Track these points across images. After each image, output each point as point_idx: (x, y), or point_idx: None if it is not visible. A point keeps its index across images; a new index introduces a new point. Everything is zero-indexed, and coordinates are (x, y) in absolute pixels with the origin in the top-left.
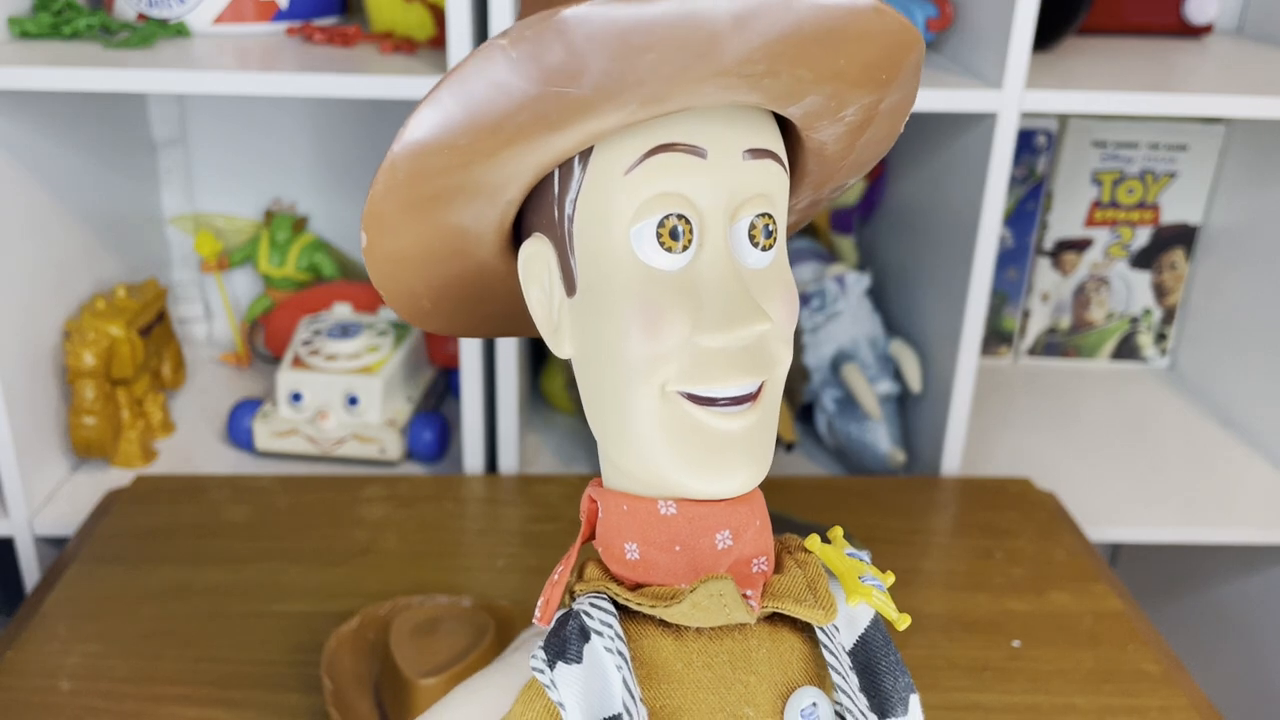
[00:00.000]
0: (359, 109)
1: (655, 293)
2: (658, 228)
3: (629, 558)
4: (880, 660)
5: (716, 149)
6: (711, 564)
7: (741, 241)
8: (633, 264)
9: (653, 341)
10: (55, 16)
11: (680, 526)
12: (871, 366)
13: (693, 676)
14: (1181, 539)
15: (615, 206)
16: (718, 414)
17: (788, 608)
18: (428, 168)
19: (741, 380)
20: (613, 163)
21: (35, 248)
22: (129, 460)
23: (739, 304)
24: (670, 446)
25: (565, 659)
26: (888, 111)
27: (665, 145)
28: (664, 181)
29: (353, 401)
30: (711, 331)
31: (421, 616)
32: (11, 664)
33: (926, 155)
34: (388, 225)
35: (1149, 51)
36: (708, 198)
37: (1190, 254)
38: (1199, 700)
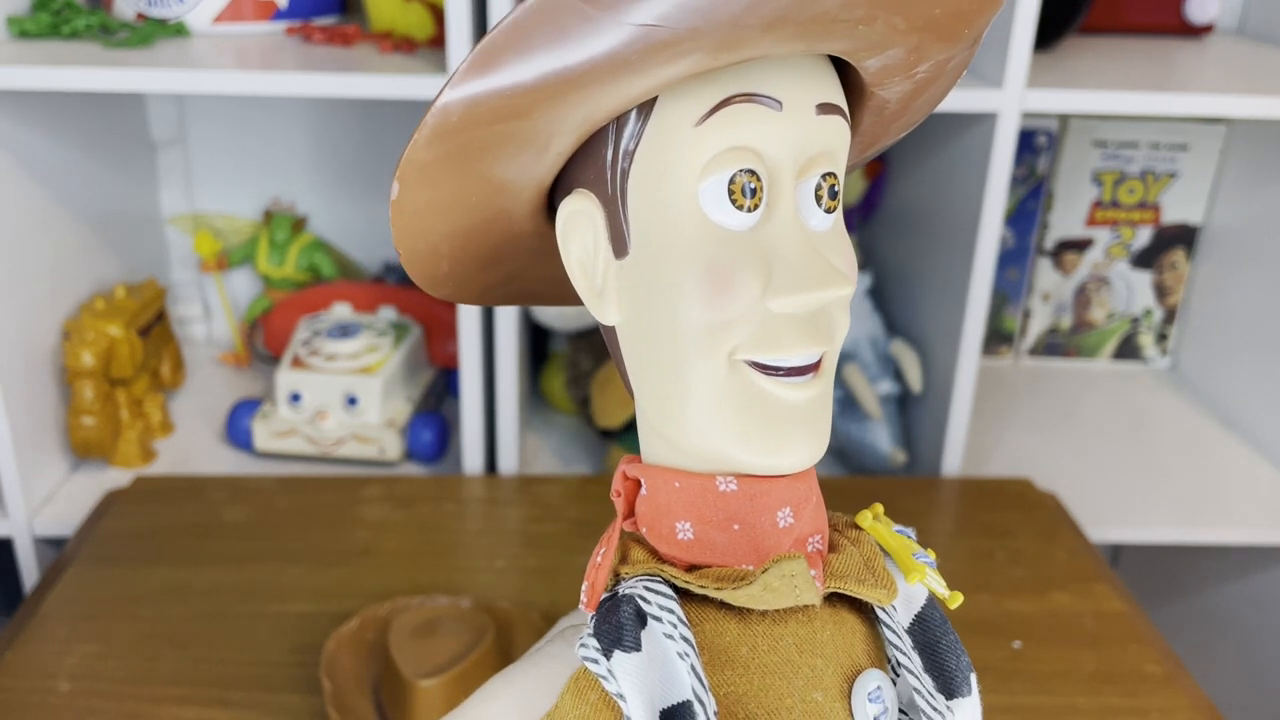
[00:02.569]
0: (358, 109)
1: (724, 254)
2: (729, 184)
3: (681, 537)
4: (941, 639)
5: (791, 102)
6: (773, 543)
7: (808, 201)
8: (699, 223)
9: (722, 307)
10: (54, 16)
11: (740, 504)
12: (872, 366)
13: (759, 661)
14: (1182, 539)
15: (682, 160)
16: (784, 384)
17: (850, 588)
18: (484, 112)
19: (811, 348)
20: (681, 113)
21: (34, 248)
22: (128, 460)
23: (815, 266)
24: (734, 419)
25: (623, 647)
26: (953, 69)
27: (742, 95)
28: (737, 134)
29: (352, 402)
30: (786, 295)
31: (421, 617)
32: (10, 664)
33: (927, 155)
34: (426, 175)
35: (1150, 51)
36: (780, 153)
37: (1191, 254)
38: (1200, 701)
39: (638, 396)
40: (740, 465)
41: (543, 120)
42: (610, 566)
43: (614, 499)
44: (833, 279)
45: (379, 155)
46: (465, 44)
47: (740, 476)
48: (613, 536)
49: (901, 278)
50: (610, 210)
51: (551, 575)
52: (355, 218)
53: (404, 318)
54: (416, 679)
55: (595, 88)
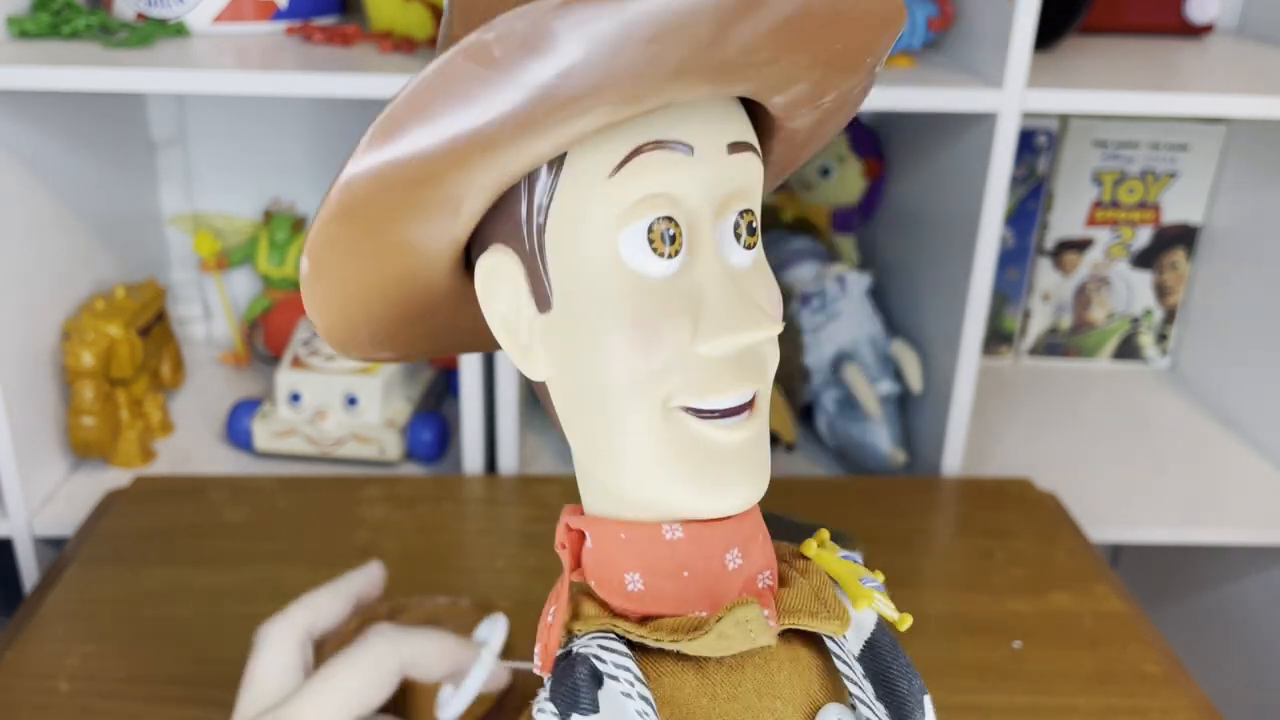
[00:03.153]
0: (358, 109)
1: (649, 302)
2: (648, 233)
3: (631, 589)
4: (891, 665)
5: (702, 145)
6: (724, 586)
7: (727, 239)
8: (620, 273)
9: (651, 356)
10: (54, 16)
11: (688, 550)
12: (872, 366)
13: (719, 710)
14: (1182, 539)
15: (597, 212)
16: (720, 427)
17: (803, 622)
18: (391, 183)
19: (744, 388)
20: (592, 166)
21: (34, 248)
22: (128, 460)
23: (741, 307)
24: (673, 466)
25: (579, 709)
26: (857, 94)
27: (653, 143)
28: (650, 183)
29: (352, 402)
30: (714, 338)
31: (421, 618)
32: (10, 664)
33: (927, 155)
34: (337, 250)
35: (1150, 51)
36: (696, 197)
37: (1191, 254)
38: (1200, 701)
39: (574, 449)
40: (683, 511)
41: (451, 185)
42: (561, 625)
43: (559, 551)
44: (759, 320)
45: None
46: None
47: (685, 523)
48: (562, 593)
49: (901, 278)
50: (530, 265)
51: (551, 575)
52: None
53: None
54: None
55: (501, 149)
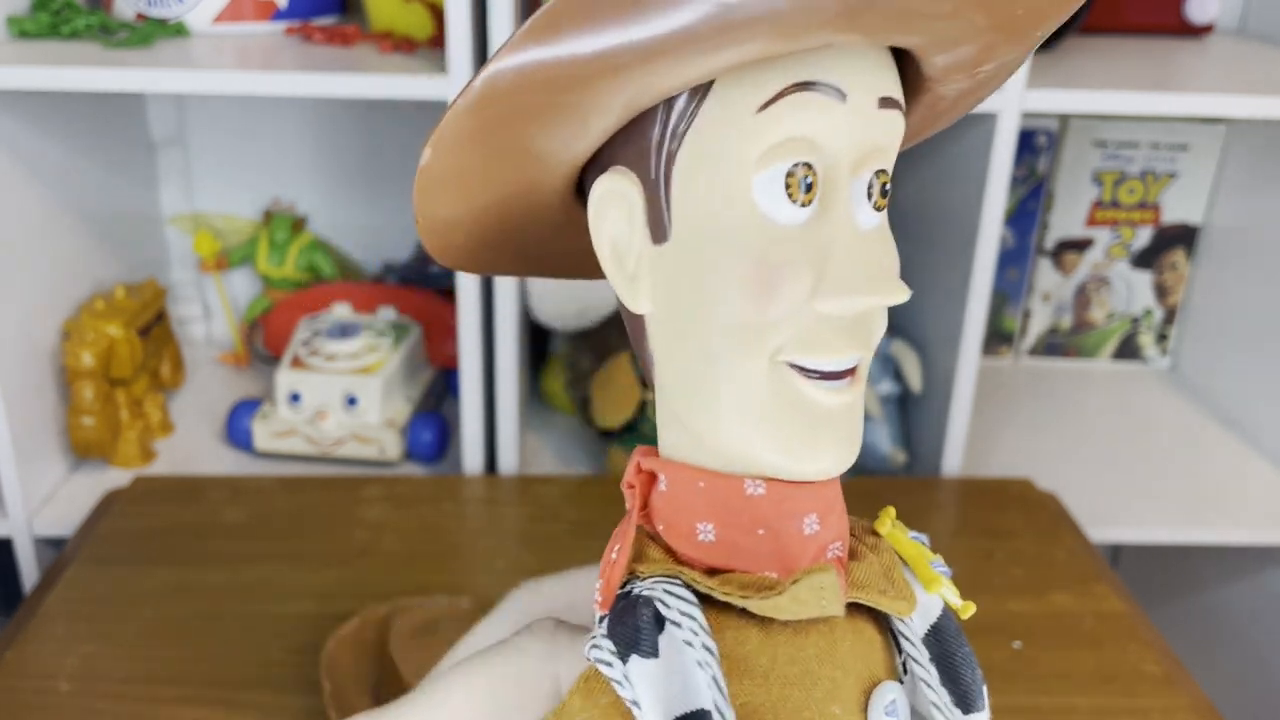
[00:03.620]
0: (358, 109)
1: (775, 250)
2: (786, 176)
3: (701, 539)
4: (956, 651)
5: (855, 94)
6: (798, 550)
7: (859, 198)
8: (750, 215)
9: (768, 305)
10: (54, 16)
11: (767, 508)
12: (872, 366)
13: (779, 672)
14: (1183, 539)
15: (737, 149)
16: (822, 388)
17: (872, 599)
18: (537, 82)
19: (853, 352)
20: (739, 99)
21: (34, 248)
22: (128, 461)
23: (869, 268)
24: (770, 421)
25: (640, 651)
26: (1010, 68)
27: (807, 83)
28: (797, 125)
29: (352, 402)
30: (837, 297)
31: (421, 618)
32: (10, 664)
33: (927, 155)
34: (461, 142)
35: (1150, 51)
36: (839, 147)
37: (1191, 254)
38: (1200, 701)
39: (664, 389)
40: (770, 469)
41: (596, 95)
42: (625, 564)
43: (626, 490)
44: (886, 284)
45: (379, 155)
46: (465, 44)
47: (769, 480)
48: (628, 533)
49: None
50: (651, 193)
51: None
52: (355, 218)
53: (404, 318)
54: (416, 679)
55: (659, 65)
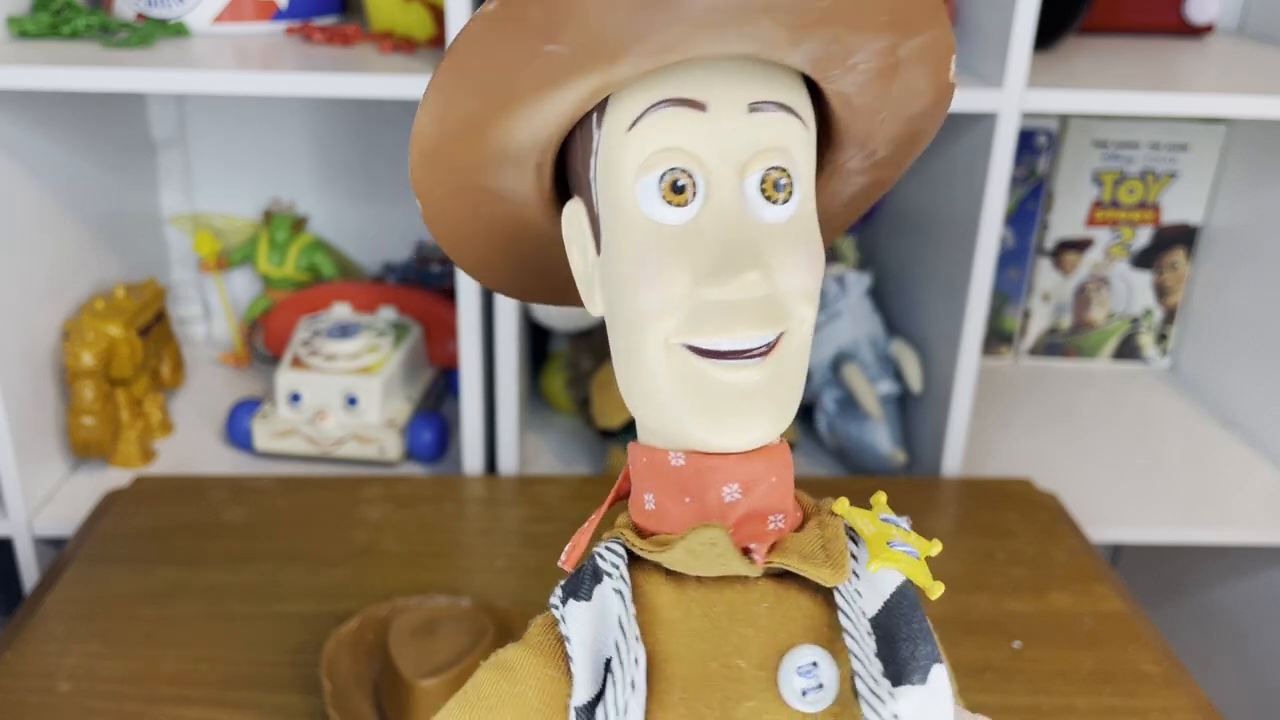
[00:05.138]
0: (358, 109)
1: (656, 245)
2: (659, 182)
3: (647, 508)
4: (901, 627)
5: (718, 102)
6: (719, 516)
7: (754, 195)
8: (638, 218)
9: (652, 294)
10: (54, 16)
11: (688, 477)
12: (872, 366)
13: (689, 624)
14: (1182, 539)
15: (623, 162)
16: (724, 367)
17: (793, 564)
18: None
19: (744, 333)
20: (619, 120)
21: (34, 248)
22: (128, 461)
23: (735, 254)
24: (678, 399)
25: (577, 596)
26: (912, 58)
27: (665, 100)
28: (665, 136)
29: (352, 402)
30: (707, 282)
31: (421, 617)
32: (10, 664)
33: (927, 155)
34: (435, 199)
35: (1150, 51)
36: (711, 151)
37: (1191, 254)
38: (1200, 701)
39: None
40: (691, 442)
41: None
42: (591, 532)
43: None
44: (747, 266)
45: (379, 155)
46: None
47: (689, 452)
48: (602, 507)
49: (901, 278)
50: (590, 212)
51: (551, 575)
52: (355, 218)
53: (404, 318)
54: (416, 679)
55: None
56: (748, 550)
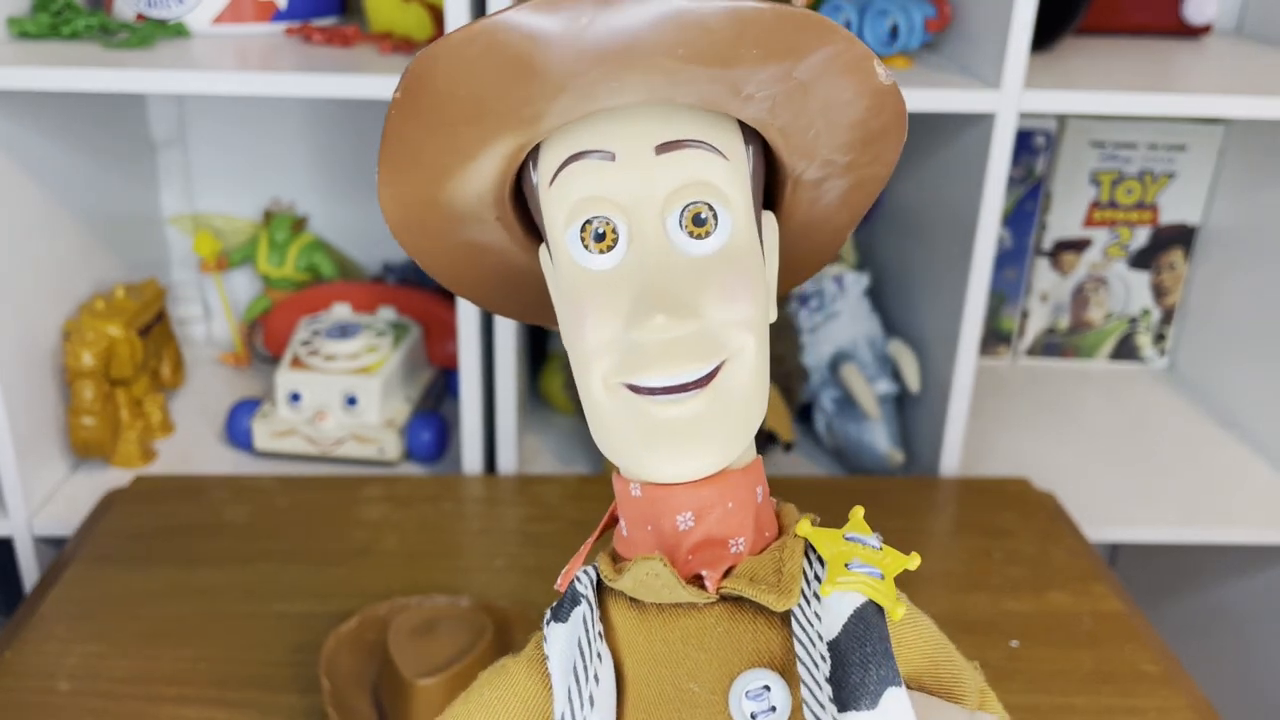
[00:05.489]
0: (358, 109)
1: (585, 292)
2: (582, 231)
3: (622, 534)
4: (854, 650)
5: (624, 150)
6: (675, 543)
7: (677, 233)
8: (571, 265)
9: (587, 337)
10: (54, 17)
11: (646, 507)
12: (870, 366)
13: (650, 649)
14: (1180, 539)
15: (552, 214)
16: (661, 403)
17: (742, 589)
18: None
19: (674, 370)
20: (542, 175)
21: (34, 248)
22: (128, 460)
23: (647, 297)
24: (622, 435)
25: (558, 618)
26: (816, 76)
27: (574, 155)
28: (582, 188)
29: (351, 402)
30: (628, 325)
31: (420, 617)
32: (10, 664)
33: (925, 155)
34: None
35: (1148, 51)
36: (628, 195)
37: (1189, 254)
38: (1198, 701)
39: None
40: (633, 474)
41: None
42: (584, 556)
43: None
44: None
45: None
46: None
47: (643, 483)
48: (595, 532)
49: (899, 278)
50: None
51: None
52: (355, 218)
53: (403, 318)
54: (415, 678)
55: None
56: (699, 577)
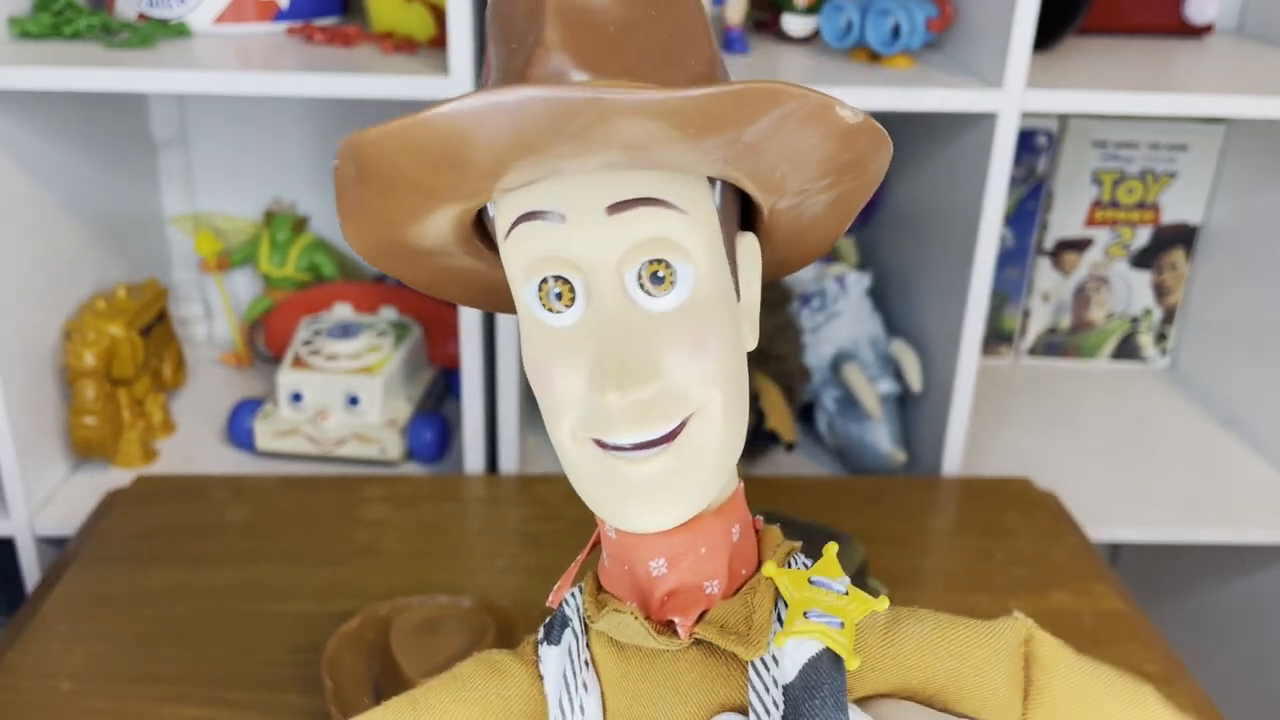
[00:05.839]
0: (359, 109)
1: (547, 348)
2: (538, 290)
3: (604, 564)
4: (806, 701)
5: (574, 211)
6: (648, 586)
7: (636, 291)
8: (531, 320)
9: (552, 393)
10: (56, 16)
11: (621, 550)
12: (872, 366)
13: (628, 685)
14: (1182, 539)
15: (510, 267)
16: (627, 459)
17: (713, 637)
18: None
19: (637, 431)
20: (500, 225)
21: (35, 248)
22: (129, 460)
23: (612, 368)
24: (591, 486)
25: (549, 640)
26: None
27: (525, 215)
28: (535, 247)
29: (353, 401)
30: (595, 389)
31: (421, 617)
32: (12, 664)
33: (927, 155)
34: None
35: (1149, 51)
36: (584, 256)
37: (1190, 254)
38: (1199, 700)
39: None
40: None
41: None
42: (575, 572)
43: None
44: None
45: None
46: (466, 44)
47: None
48: (584, 550)
49: (901, 278)
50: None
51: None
52: None
53: (405, 318)
54: (417, 678)
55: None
56: (672, 623)
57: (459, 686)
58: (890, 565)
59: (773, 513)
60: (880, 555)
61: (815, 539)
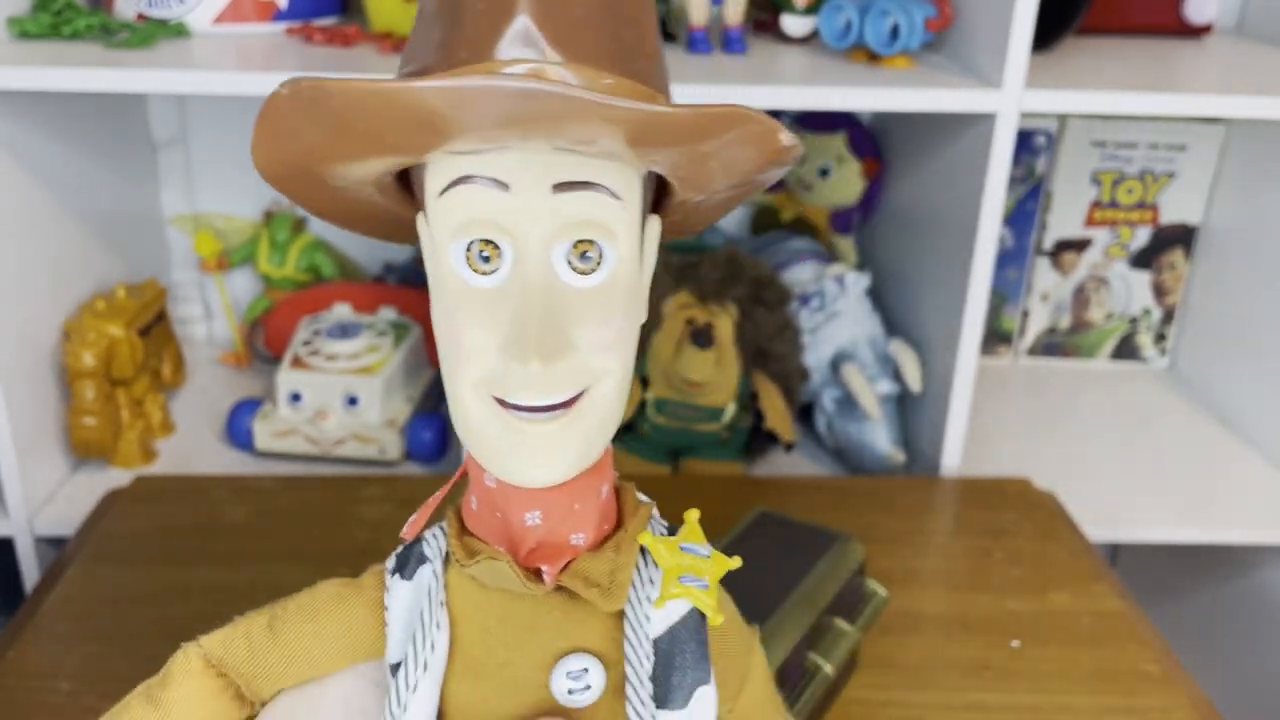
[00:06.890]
0: None
1: (466, 306)
2: (466, 250)
3: (472, 507)
4: (677, 654)
5: (520, 183)
6: (519, 535)
7: (562, 265)
8: (451, 276)
9: (461, 349)
10: (55, 17)
11: (498, 498)
12: (871, 366)
13: (482, 621)
14: (1181, 539)
15: (437, 222)
16: (525, 419)
17: (576, 587)
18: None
19: (545, 397)
20: (432, 182)
21: (35, 248)
22: (129, 460)
23: (534, 336)
24: (484, 439)
25: (403, 574)
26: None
27: (466, 177)
28: (471, 209)
29: (352, 402)
30: (504, 353)
31: None
32: (11, 664)
33: (926, 155)
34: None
35: (1149, 51)
36: (519, 225)
37: (1190, 254)
38: (1199, 700)
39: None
40: (496, 475)
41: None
42: (435, 507)
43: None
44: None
45: None
46: None
47: (498, 479)
48: (445, 488)
49: (900, 278)
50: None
51: None
52: None
53: (404, 318)
54: None
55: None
56: (539, 571)
57: (309, 616)
58: (889, 565)
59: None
60: (879, 555)
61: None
